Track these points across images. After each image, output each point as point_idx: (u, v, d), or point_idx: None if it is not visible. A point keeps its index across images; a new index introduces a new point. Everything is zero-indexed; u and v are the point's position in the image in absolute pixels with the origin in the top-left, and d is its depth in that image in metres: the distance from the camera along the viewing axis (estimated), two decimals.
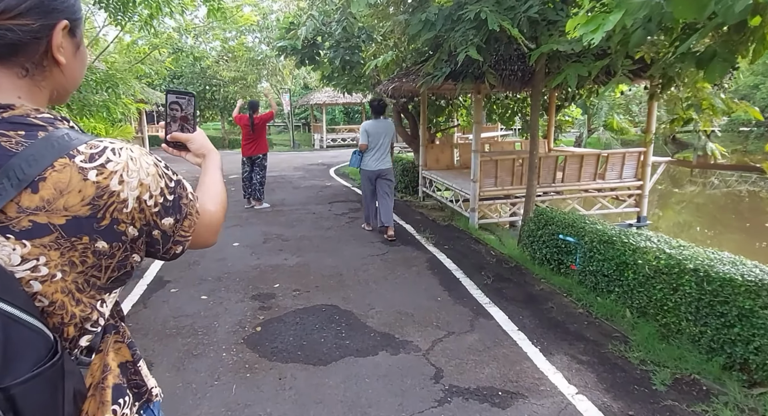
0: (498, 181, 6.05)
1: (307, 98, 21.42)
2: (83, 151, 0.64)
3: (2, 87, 0.65)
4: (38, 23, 0.65)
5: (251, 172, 7.33)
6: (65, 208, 0.61)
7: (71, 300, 0.65)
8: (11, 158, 0.59)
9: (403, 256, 4.94)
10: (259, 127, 7.11)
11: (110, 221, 0.65)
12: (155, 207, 0.71)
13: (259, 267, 4.57)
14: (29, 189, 0.59)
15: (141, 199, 0.68)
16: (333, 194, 8.66)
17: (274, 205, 7.59)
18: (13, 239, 0.59)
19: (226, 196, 0.97)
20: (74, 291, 0.65)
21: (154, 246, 0.75)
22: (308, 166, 13.45)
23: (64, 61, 0.70)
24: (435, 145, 8.45)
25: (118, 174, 0.65)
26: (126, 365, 0.80)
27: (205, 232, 0.83)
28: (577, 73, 3.93)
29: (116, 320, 0.81)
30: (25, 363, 0.55)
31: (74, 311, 0.65)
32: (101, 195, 0.64)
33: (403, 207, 7.60)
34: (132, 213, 0.68)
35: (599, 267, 3.56)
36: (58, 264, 0.62)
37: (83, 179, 0.62)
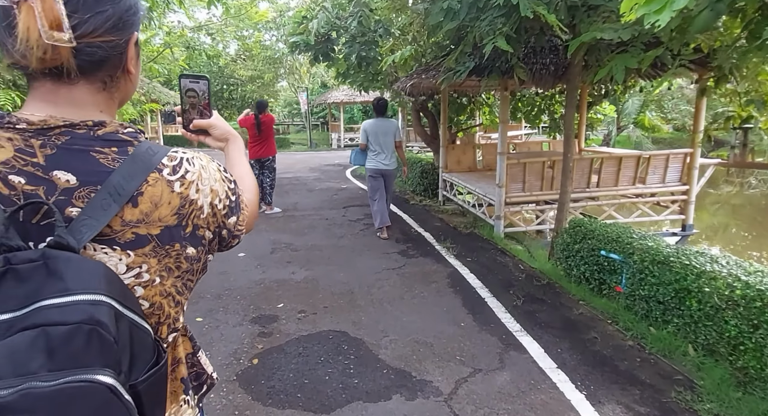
0: (526, 185, 5.52)
1: (325, 97, 21.08)
2: (167, 164, 0.68)
3: (85, 101, 0.68)
4: (121, 39, 0.68)
5: (260, 174, 6.97)
6: (159, 219, 0.67)
7: (170, 302, 0.71)
8: (110, 174, 0.64)
9: (422, 270, 4.48)
10: (266, 128, 6.73)
11: (192, 227, 0.71)
12: (224, 209, 0.76)
13: (263, 282, 4.17)
14: (130, 203, 0.64)
15: (213, 204, 0.74)
16: (348, 198, 8.25)
17: (286, 210, 7.22)
18: (119, 250, 0.64)
19: (255, 180, 1.00)
20: (174, 294, 0.72)
21: (221, 244, 0.80)
22: (324, 166, 13.09)
23: (134, 71, 0.74)
24: (456, 146, 7.94)
25: (195, 183, 0.71)
26: (188, 356, 0.85)
27: (250, 222, 0.89)
28: (625, 66, 3.40)
29: None
30: (142, 362, 0.62)
31: (170, 311, 0.72)
32: (184, 204, 0.69)
33: (421, 212, 7.13)
34: (207, 218, 0.73)
35: (652, 291, 3.03)
36: (157, 270, 0.68)
37: (171, 191, 0.68)
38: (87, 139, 0.65)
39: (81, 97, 0.67)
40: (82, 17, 0.62)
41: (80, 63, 0.64)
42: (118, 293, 0.59)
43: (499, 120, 5.37)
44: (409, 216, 6.81)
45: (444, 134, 7.61)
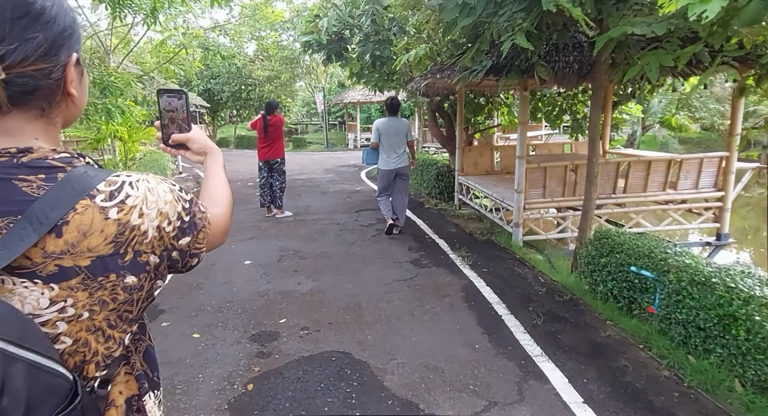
0: (547, 191, 5.20)
1: (342, 96, 20.93)
2: (102, 189, 0.65)
3: (21, 130, 0.66)
4: (56, 65, 0.66)
5: (269, 177, 6.79)
6: (89, 249, 0.62)
7: (99, 338, 0.66)
8: (33, 203, 0.60)
9: (434, 282, 4.21)
10: (274, 130, 6.54)
11: (133, 254, 0.66)
12: (173, 231, 0.72)
13: (267, 294, 3.97)
14: (53, 233, 0.60)
15: (160, 227, 0.70)
16: (361, 201, 8.02)
17: (297, 214, 7.03)
18: (41, 283, 0.60)
19: (231, 195, 0.98)
20: (105, 328, 0.66)
21: (174, 266, 0.76)
22: (340, 167, 12.90)
23: (77, 93, 0.71)
24: (473, 148, 7.64)
25: (138, 208, 0.67)
26: (131, 400, 0.76)
27: (216, 237, 0.86)
28: (659, 63, 3.07)
29: (128, 350, 0.76)
30: (46, 408, 0.56)
31: (98, 348, 0.66)
32: (122, 231, 0.65)
33: (436, 217, 6.85)
34: (152, 242, 0.69)
35: (691, 316, 2.71)
36: (86, 304, 0.63)
37: (104, 219, 0.63)
38: (9, 167, 0.62)
39: (15, 126, 0.65)
40: (10, 46, 0.60)
41: (11, 94, 0.63)
42: (13, 333, 0.55)
43: (518, 121, 5.07)
44: (423, 221, 6.55)
45: (460, 135, 7.32)
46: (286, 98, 20.98)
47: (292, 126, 28.42)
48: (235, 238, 5.73)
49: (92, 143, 7.47)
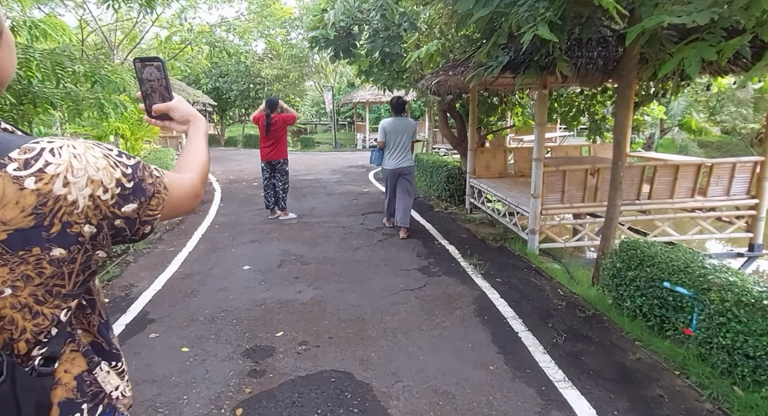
0: (565, 196, 4.88)
1: (351, 96, 20.68)
2: (16, 157, 0.61)
3: None
4: None
5: (272, 178, 6.54)
6: (3, 222, 0.59)
7: (26, 315, 0.63)
8: None
9: (445, 292, 3.92)
10: (277, 129, 6.28)
11: (60, 226, 0.63)
12: (111, 199, 0.68)
13: (265, 303, 3.71)
14: None
15: (94, 195, 0.66)
16: (368, 203, 7.74)
17: (301, 216, 6.78)
18: None
19: (208, 161, 0.95)
20: (32, 304, 0.63)
21: (120, 234, 0.72)
22: (347, 168, 12.64)
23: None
24: (485, 149, 7.33)
25: (61, 176, 0.62)
26: (82, 376, 0.74)
27: (180, 202, 0.82)
28: (700, 57, 2.76)
29: (72, 327, 0.73)
30: None
31: (26, 325, 0.63)
32: (44, 202, 0.61)
33: (446, 221, 6.55)
34: (85, 211, 0.65)
35: (738, 342, 2.39)
36: (7, 280, 0.60)
37: (19, 189, 0.60)
38: None
39: None
40: None
41: None
42: None
43: (534, 122, 4.76)
44: (432, 225, 6.25)
45: (473, 137, 7.01)
46: (294, 97, 20.79)
47: (301, 126, 28.26)
48: (235, 241, 5.48)
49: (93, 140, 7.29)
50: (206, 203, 7.83)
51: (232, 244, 5.35)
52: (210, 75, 20.65)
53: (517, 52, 4.34)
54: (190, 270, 4.48)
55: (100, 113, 3.83)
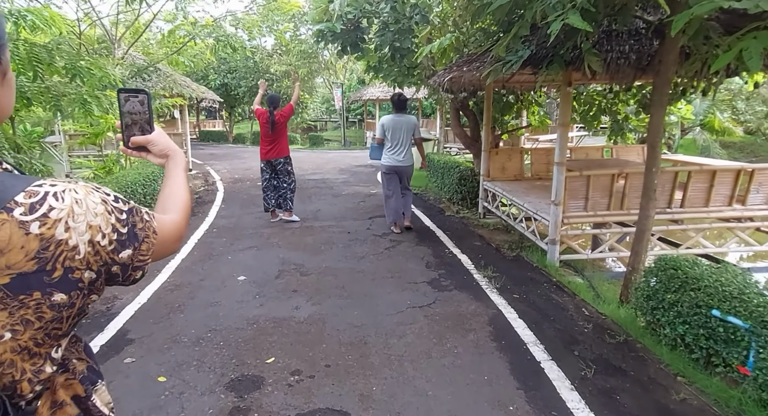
0: (589, 203, 4.47)
1: (361, 93, 20.32)
2: (22, 201, 0.61)
3: None
4: None
5: (272, 178, 6.20)
6: (7, 266, 0.59)
7: (24, 356, 0.63)
8: None
9: (457, 310, 3.55)
10: (280, 126, 5.95)
11: (63, 271, 0.63)
12: (110, 245, 0.69)
13: (257, 321, 3.37)
14: None
15: (93, 241, 0.66)
16: (376, 205, 7.38)
17: (305, 219, 6.44)
18: None
19: (190, 199, 0.94)
20: (32, 347, 0.63)
21: (114, 279, 0.73)
22: (355, 167, 12.29)
23: None
24: (500, 150, 6.91)
25: (63, 221, 0.63)
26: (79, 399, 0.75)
27: (165, 245, 0.81)
28: (763, 48, 2.34)
29: (65, 359, 0.73)
30: None
31: (25, 366, 0.63)
32: (47, 246, 0.61)
33: (458, 226, 6.17)
34: (86, 258, 0.66)
35: None
36: (7, 325, 0.60)
37: (25, 234, 0.60)
38: None
39: None
40: None
41: None
42: None
43: (558, 122, 4.35)
44: (443, 231, 5.87)
45: (487, 137, 6.60)
46: (303, 94, 20.46)
47: (311, 123, 27.98)
48: (233, 247, 5.16)
49: (90, 138, 7.02)
50: (206, 204, 7.53)
51: (229, 251, 5.02)
52: (219, 71, 20.42)
53: (540, 45, 3.94)
54: (181, 280, 4.16)
55: (82, 109, 3.51)
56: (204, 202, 7.70)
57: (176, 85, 9.19)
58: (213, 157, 15.07)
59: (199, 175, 11.19)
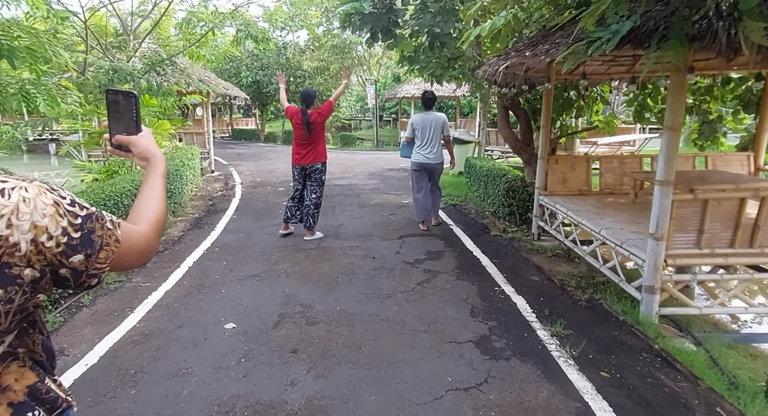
0: (704, 238, 3.21)
1: (396, 90, 19.25)
2: None
3: None
4: None
5: (303, 187, 5.25)
6: None
7: None
8: None
9: (520, 401, 2.42)
10: (317, 127, 5.00)
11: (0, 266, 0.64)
12: (57, 247, 0.69)
13: (234, 408, 2.36)
14: None
15: (37, 241, 0.67)
16: (408, 221, 6.30)
17: (325, 236, 5.45)
18: None
19: (165, 211, 0.92)
20: None
21: (64, 283, 0.73)
22: (387, 171, 11.24)
23: None
24: (561, 158, 5.67)
25: (6, 218, 0.64)
26: (34, 386, 0.77)
27: (129, 257, 0.80)
28: None
29: (14, 348, 0.74)
30: None
31: None
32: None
33: (508, 251, 5.00)
34: (27, 255, 0.66)
35: None
36: None
37: None
38: None
39: None
40: None
41: None
42: None
43: (665, 124, 3.13)
44: (489, 257, 4.73)
45: (545, 141, 5.39)
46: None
47: (345, 121, 27.18)
48: (231, 275, 4.21)
49: (94, 138, 6.30)
50: (217, 214, 6.67)
51: (225, 280, 4.08)
52: (251, 68, 19.86)
53: (646, 14, 2.74)
54: (153, 326, 3.22)
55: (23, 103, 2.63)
56: (215, 211, 6.86)
57: (194, 81, 8.41)
58: (240, 157, 14.41)
59: (221, 176, 10.45)
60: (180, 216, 6.48)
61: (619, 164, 5.43)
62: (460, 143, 9.99)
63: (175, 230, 5.77)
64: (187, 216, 6.57)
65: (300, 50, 19.53)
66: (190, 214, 6.64)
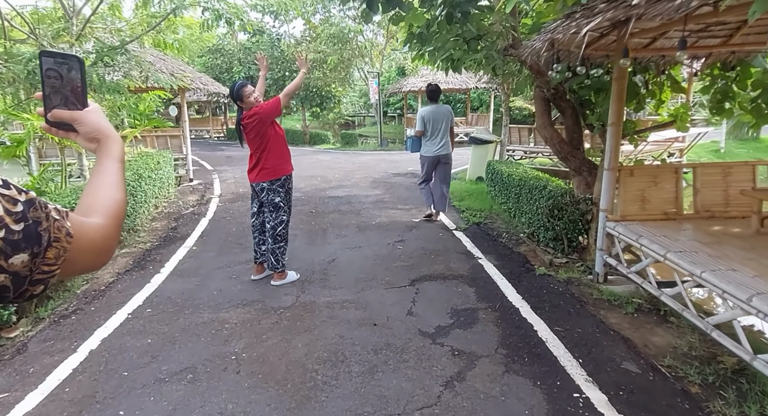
0: None
1: (401, 84, 17.63)
2: None
3: None
4: None
5: (260, 212, 3.80)
6: None
7: None
8: None
9: None
10: (256, 132, 3.53)
11: None
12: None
13: None
14: None
15: None
16: (422, 251, 4.75)
17: (307, 279, 3.94)
18: None
19: (125, 201, 0.72)
20: None
21: (2, 295, 0.52)
22: (393, 177, 9.67)
23: None
24: (639, 170, 4.07)
25: None
26: None
27: (83, 257, 0.60)
28: None
29: None
30: None
31: None
32: None
33: (566, 302, 3.44)
34: None
35: None
36: None
37: None
38: None
39: None
40: None
41: None
42: None
43: None
44: (545, 321, 3.18)
45: (614, 145, 3.81)
46: (336, 87, 18.02)
47: (348, 118, 25.59)
48: (148, 370, 2.68)
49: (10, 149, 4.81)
50: (175, 243, 5.17)
51: (134, 384, 2.55)
52: (244, 62, 18.36)
53: None
54: None
55: None
56: (173, 239, 5.35)
57: (156, 74, 6.89)
58: (228, 161, 12.91)
59: (200, 186, 8.95)
60: (126, 248, 4.99)
61: (723, 176, 3.84)
62: (479, 143, 8.41)
63: (107, 272, 4.27)
64: (135, 246, 5.07)
65: (296, 42, 17.97)
66: (139, 245, 5.14)
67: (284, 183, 3.70)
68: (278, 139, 3.65)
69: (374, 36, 17.09)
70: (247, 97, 3.52)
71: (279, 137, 3.66)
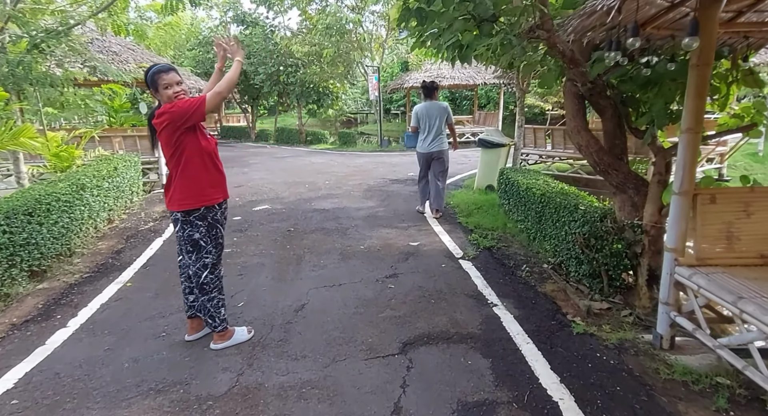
0: None
1: (403, 79, 16.49)
2: None
3: None
4: None
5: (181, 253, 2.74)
6: None
7: None
8: None
9: None
10: (165, 135, 2.47)
11: None
12: None
13: None
14: None
15: None
16: (420, 291, 3.66)
17: (261, 339, 2.86)
18: None
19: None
20: None
21: None
22: (391, 184, 8.56)
23: None
24: (724, 192, 2.93)
25: None
26: None
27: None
28: None
29: None
30: None
31: None
32: None
33: (623, 387, 2.31)
34: None
35: None
36: None
37: None
38: None
39: None
40: None
41: None
42: None
43: None
44: (583, 410, 2.08)
45: (691, 160, 2.69)
46: (334, 82, 16.88)
47: (350, 115, 24.43)
48: None
49: None
50: (109, 276, 4.09)
51: None
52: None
53: None
54: None
55: None
56: (110, 270, 4.27)
57: (105, 64, 5.81)
58: None
59: None
60: (45, 282, 3.93)
61: None
62: (490, 147, 7.28)
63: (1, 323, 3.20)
64: (58, 279, 4.00)
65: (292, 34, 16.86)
66: (65, 276, 4.07)
67: (205, 214, 2.62)
68: (201, 153, 2.57)
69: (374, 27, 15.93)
70: (163, 87, 2.44)
71: (203, 151, 2.58)
